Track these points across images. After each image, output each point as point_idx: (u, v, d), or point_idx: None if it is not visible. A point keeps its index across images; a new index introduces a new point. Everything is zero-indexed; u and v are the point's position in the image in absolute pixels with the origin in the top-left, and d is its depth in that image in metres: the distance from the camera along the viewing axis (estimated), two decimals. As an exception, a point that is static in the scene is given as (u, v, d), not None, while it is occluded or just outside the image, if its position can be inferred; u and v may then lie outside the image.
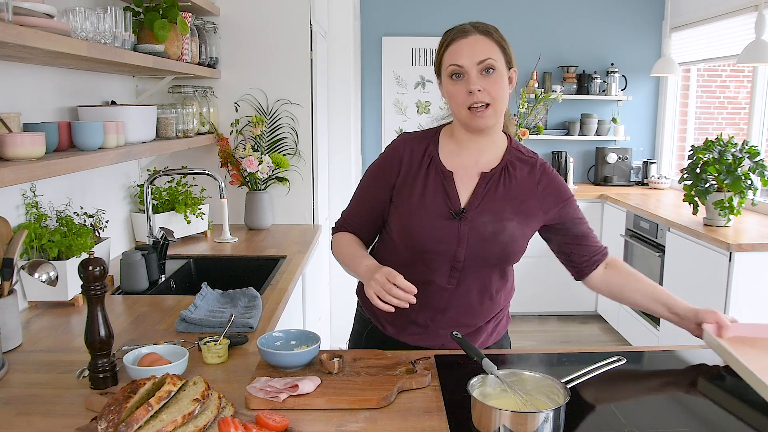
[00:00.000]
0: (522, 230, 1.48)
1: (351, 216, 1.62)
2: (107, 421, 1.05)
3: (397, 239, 1.53)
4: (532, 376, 1.22)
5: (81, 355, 1.48)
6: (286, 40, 3.05)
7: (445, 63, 1.41)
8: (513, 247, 1.47)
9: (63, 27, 1.53)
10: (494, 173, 1.48)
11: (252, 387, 1.26)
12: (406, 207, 1.48)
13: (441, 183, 1.47)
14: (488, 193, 1.47)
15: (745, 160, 3.10)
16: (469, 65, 1.38)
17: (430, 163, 1.49)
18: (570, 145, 5.11)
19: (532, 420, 1.08)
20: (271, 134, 3.11)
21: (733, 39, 4.05)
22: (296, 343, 1.45)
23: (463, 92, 1.39)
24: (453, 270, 1.48)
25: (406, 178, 1.49)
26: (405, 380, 1.32)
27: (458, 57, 1.39)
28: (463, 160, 1.50)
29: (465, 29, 1.41)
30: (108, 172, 2.50)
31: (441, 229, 1.45)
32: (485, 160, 1.50)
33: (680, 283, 3.46)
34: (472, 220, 1.45)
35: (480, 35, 1.40)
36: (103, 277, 1.31)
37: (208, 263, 2.57)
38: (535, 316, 4.74)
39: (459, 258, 1.46)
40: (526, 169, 1.51)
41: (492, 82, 1.39)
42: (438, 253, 1.46)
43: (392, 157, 1.52)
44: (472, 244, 1.45)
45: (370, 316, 1.65)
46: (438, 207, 1.46)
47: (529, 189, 1.50)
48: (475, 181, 1.48)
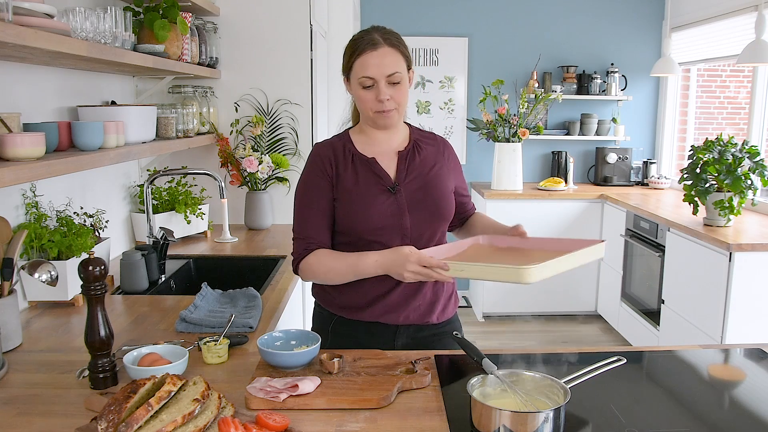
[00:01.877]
0: (446, 189, 1.68)
1: (309, 232, 1.62)
2: (107, 421, 1.05)
3: (346, 230, 1.61)
4: (532, 376, 1.22)
5: (81, 355, 1.48)
6: (286, 40, 3.05)
7: (356, 71, 1.56)
8: (446, 202, 1.67)
9: (63, 27, 1.53)
10: (408, 150, 1.67)
11: (252, 387, 1.26)
12: (347, 196, 1.60)
13: (368, 168, 1.62)
14: (409, 166, 1.65)
15: (745, 160, 3.10)
16: (378, 77, 1.53)
17: (352, 157, 1.63)
18: (570, 145, 5.11)
19: (532, 420, 1.08)
20: (271, 134, 3.11)
21: (733, 39, 4.05)
22: (296, 343, 1.45)
23: (372, 99, 1.57)
24: (404, 239, 1.60)
25: (338, 173, 1.62)
26: (405, 380, 1.32)
27: (369, 69, 1.54)
28: (378, 147, 1.66)
29: (375, 41, 1.54)
30: (108, 172, 2.50)
31: (382, 206, 1.58)
32: (396, 143, 1.68)
33: (680, 283, 3.46)
34: (405, 190, 1.61)
35: (388, 48, 1.54)
36: (103, 277, 1.31)
37: (208, 263, 2.57)
38: (535, 316, 4.74)
39: (406, 226, 1.60)
40: (431, 144, 1.73)
41: (398, 90, 1.57)
42: (387, 227, 1.58)
43: (319, 161, 1.63)
44: (413, 211, 1.61)
45: (332, 309, 1.70)
46: (373, 186, 1.60)
47: (438, 157, 1.71)
48: (394, 160, 1.65)
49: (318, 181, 1.62)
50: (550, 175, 5.09)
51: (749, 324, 3.01)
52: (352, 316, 1.66)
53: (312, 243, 1.62)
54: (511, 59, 4.97)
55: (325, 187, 1.61)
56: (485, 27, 4.87)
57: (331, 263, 1.59)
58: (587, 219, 4.56)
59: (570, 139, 5.03)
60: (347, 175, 1.61)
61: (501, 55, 4.96)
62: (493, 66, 4.95)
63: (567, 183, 4.83)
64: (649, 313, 3.88)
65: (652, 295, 3.82)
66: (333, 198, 1.61)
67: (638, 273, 4.05)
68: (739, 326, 3.01)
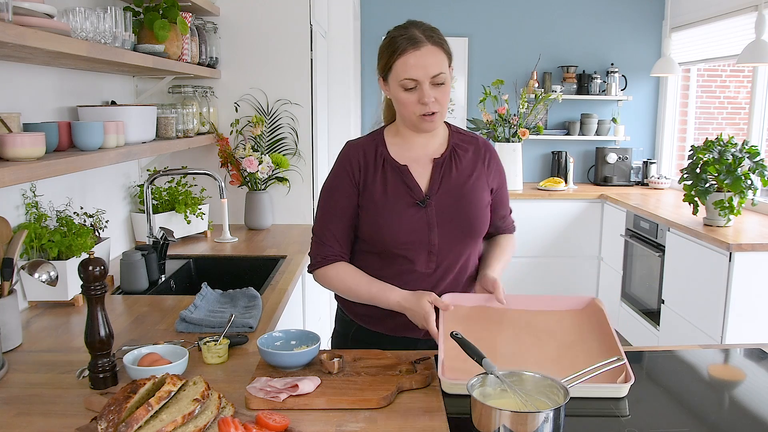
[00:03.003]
0: (481, 203, 1.58)
1: (330, 239, 1.57)
2: (107, 421, 1.05)
3: (370, 241, 1.56)
4: (532, 375, 1.22)
5: (81, 355, 1.48)
6: (286, 40, 3.05)
7: (397, 73, 1.46)
8: (478, 219, 1.57)
9: (63, 27, 1.53)
10: (445, 157, 1.57)
11: (252, 387, 1.26)
12: (374, 207, 1.53)
13: (399, 176, 1.54)
14: (444, 176, 1.55)
15: (745, 160, 3.10)
16: (422, 79, 1.44)
17: (384, 161, 1.55)
18: (570, 145, 5.11)
19: (532, 420, 1.07)
20: (271, 134, 3.11)
21: (733, 39, 4.05)
22: (296, 343, 1.45)
23: (415, 102, 1.46)
24: (430, 254, 1.53)
25: (366, 180, 1.54)
26: (405, 380, 1.32)
27: (412, 71, 1.43)
28: (414, 152, 1.57)
29: (416, 39, 1.44)
30: (108, 172, 2.50)
31: (411, 220, 1.51)
32: (433, 148, 1.58)
33: (680, 283, 3.46)
34: (437, 204, 1.53)
35: (431, 46, 1.45)
36: (103, 277, 1.31)
37: (208, 263, 2.57)
38: (535, 316, 4.72)
39: (433, 242, 1.52)
40: (471, 149, 1.61)
41: (441, 91, 1.47)
42: (413, 242, 1.52)
43: (348, 162, 1.56)
44: (442, 225, 1.53)
45: (354, 318, 1.66)
46: (402, 198, 1.52)
47: (478, 164, 1.60)
48: (429, 168, 1.56)
49: (344, 185, 1.55)
50: (550, 175, 5.09)
51: (749, 324, 3.01)
52: (372, 327, 1.63)
53: (332, 252, 1.57)
54: (511, 59, 4.97)
55: (351, 193, 1.54)
56: (485, 27, 4.86)
57: (352, 284, 1.54)
58: (587, 219, 4.56)
59: (570, 139, 5.03)
60: (376, 182, 1.53)
61: (501, 55, 4.96)
62: (493, 66, 4.95)
63: (567, 183, 4.83)
64: (649, 313, 3.88)
65: (652, 295, 3.82)
66: (358, 204, 1.55)
67: (638, 273, 4.05)
68: (739, 326, 3.01)
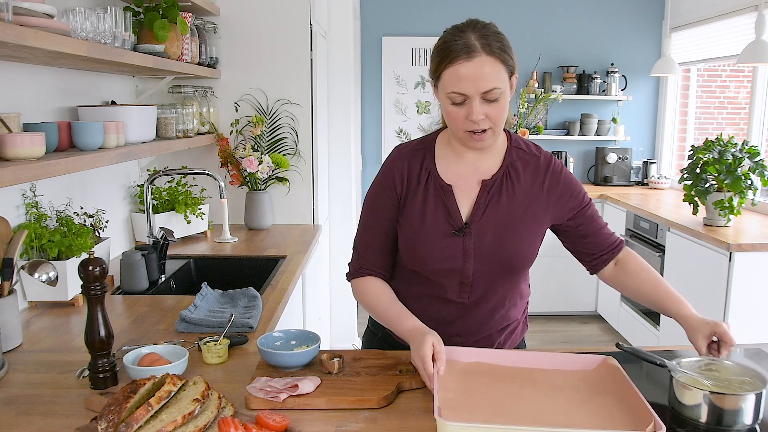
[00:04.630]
0: (529, 237, 1.43)
1: (366, 251, 1.50)
2: (107, 421, 1.05)
3: (404, 259, 1.49)
4: (730, 364, 1.26)
5: (81, 355, 1.48)
6: (286, 40, 3.05)
7: (445, 83, 1.31)
8: (521, 256, 1.43)
9: (63, 27, 1.52)
10: (495, 180, 1.42)
11: (252, 387, 1.26)
12: (410, 227, 1.44)
13: (441, 198, 1.42)
14: (491, 202, 1.41)
15: (745, 160, 3.10)
16: (472, 94, 1.28)
17: (428, 177, 1.43)
18: (570, 145, 5.11)
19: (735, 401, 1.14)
20: (271, 134, 3.11)
21: (733, 39, 4.05)
22: (296, 343, 1.45)
23: (462, 117, 1.32)
24: (463, 285, 1.44)
25: (407, 195, 1.44)
26: (405, 380, 1.32)
27: (462, 84, 1.28)
28: (462, 169, 1.44)
29: (470, 48, 1.27)
30: (108, 172, 2.50)
31: (445, 248, 1.41)
32: (486, 166, 1.44)
33: (680, 283, 3.45)
34: (477, 234, 1.40)
35: (486, 57, 1.27)
36: (103, 277, 1.31)
37: (208, 263, 2.57)
38: (535, 316, 4.73)
39: (467, 273, 1.42)
40: (530, 170, 1.44)
41: (495, 108, 1.31)
42: (445, 270, 1.43)
43: (391, 175, 1.46)
44: (479, 258, 1.41)
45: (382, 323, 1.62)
46: (440, 224, 1.41)
47: (534, 191, 1.44)
48: (476, 190, 1.42)
49: (386, 198, 1.46)
50: (550, 175, 5.09)
51: (749, 324, 3.01)
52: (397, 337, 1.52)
53: (365, 265, 1.50)
54: (511, 59, 4.97)
55: (392, 206, 1.45)
56: (485, 27, 4.87)
57: (372, 302, 1.48)
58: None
59: (570, 139, 5.03)
60: (416, 200, 1.43)
61: (501, 55, 4.95)
62: (493, 66, 4.94)
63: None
64: (649, 313, 3.88)
65: (652, 295, 3.82)
66: (397, 219, 1.46)
67: (638, 273, 4.05)
68: (739, 326, 3.00)
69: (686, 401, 1.18)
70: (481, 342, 1.52)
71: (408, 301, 1.48)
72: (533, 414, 1.17)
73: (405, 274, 1.52)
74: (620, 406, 1.19)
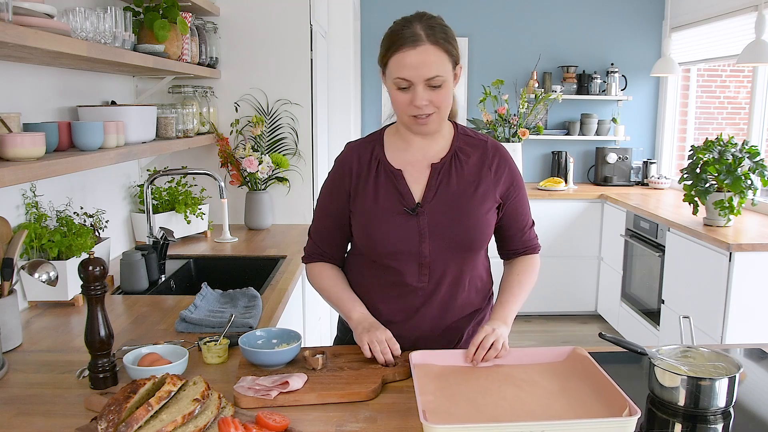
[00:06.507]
0: (480, 213, 1.48)
1: (320, 238, 1.59)
2: (107, 421, 1.05)
3: (361, 247, 1.53)
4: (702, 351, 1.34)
5: (81, 355, 1.48)
6: (286, 40, 3.05)
7: (391, 70, 1.37)
8: (474, 233, 1.48)
9: (63, 27, 1.53)
10: (444, 163, 1.48)
11: (240, 386, 1.27)
12: (363, 213, 1.49)
13: (392, 182, 1.48)
14: (441, 183, 1.47)
15: (745, 160, 3.10)
16: (416, 80, 1.35)
17: (378, 165, 1.49)
18: (570, 145, 5.11)
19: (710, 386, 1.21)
20: (271, 134, 3.11)
21: (733, 39, 4.05)
22: (278, 341, 1.46)
23: (407, 102, 1.38)
24: (422, 267, 1.48)
25: (357, 185, 1.50)
26: (388, 372, 1.35)
27: (406, 71, 1.34)
28: (411, 155, 1.50)
29: (415, 37, 1.33)
30: (108, 172, 2.50)
31: (400, 228, 1.46)
32: (434, 151, 1.50)
33: (680, 283, 3.46)
34: (429, 213, 1.46)
35: (430, 45, 1.34)
36: (103, 277, 1.31)
37: (208, 263, 2.57)
38: (535, 316, 4.73)
39: (424, 253, 1.46)
40: (477, 153, 1.51)
41: (438, 93, 1.38)
42: (402, 252, 1.47)
43: (342, 167, 1.53)
44: (434, 237, 1.46)
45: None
46: (392, 205, 1.47)
47: (482, 172, 1.50)
48: (426, 174, 1.48)
49: (336, 191, 1.53)
50: (550, 175, 5.09)
51: (749, 324, 3.01)
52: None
53: (318, 251, 1.59)
54: (511, 59, 4.97)
55: (342, 200, 1.52)
56: (485, 27, 4.86)
57: (323, 285, 1.56)
58: (587, 219, 4.56)
59: (570, 139, 5.03)
60: (367, 188, 1.49)
61: (501, 55, 4.96)
62: (493, 66, 4.95)
63: (567, 183, 4.83)
64: (649, 313, 3.88)
65: (652, 295, 3.82)
66: (349, 211, 1.52)
67: (638, 273, 4.05)
68: (739, 326, 3.01)
69: (665, 386, 1.26)
70: (451, 332, 1.56)
71: (371, 293, 1.54)
72: (514, 410, 1.20)
73: (365, 266, 1.55)
74: (594, 393, 1.25)
